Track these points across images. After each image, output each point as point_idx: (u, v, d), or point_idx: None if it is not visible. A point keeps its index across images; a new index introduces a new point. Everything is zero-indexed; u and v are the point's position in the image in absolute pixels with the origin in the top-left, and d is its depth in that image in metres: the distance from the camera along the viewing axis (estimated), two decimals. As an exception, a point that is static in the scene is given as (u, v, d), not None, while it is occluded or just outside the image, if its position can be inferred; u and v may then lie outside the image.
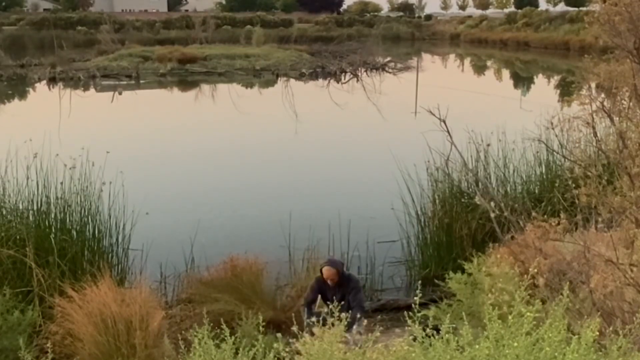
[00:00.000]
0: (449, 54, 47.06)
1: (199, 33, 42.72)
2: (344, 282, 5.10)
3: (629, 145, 4.27)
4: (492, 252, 4.89)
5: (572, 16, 45.92)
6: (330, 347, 2.58)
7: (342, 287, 5.06)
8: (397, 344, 2.63)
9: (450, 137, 5.95)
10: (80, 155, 6.34)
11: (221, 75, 28.16)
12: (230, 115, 17.79)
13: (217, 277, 5.66)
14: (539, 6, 65.39)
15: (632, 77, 4.77)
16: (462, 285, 4.82)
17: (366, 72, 28.97)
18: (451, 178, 6.72)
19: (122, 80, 26.39)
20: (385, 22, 64.52)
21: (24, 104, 22.45)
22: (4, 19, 55.93)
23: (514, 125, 7.50)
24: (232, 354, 2.70)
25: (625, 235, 3.85)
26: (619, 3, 4.60)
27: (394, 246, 7.09)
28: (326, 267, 5.07)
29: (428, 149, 6.69)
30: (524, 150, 7.26)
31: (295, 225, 6.92)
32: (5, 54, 31.85)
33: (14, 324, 4.72)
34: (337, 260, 5.31)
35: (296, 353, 2.69)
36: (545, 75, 31.90)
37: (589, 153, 6.05)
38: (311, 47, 39.72)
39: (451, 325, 2.44)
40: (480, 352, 2.30)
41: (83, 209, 6.22)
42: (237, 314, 4.97)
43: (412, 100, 17.06)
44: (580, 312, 3.19)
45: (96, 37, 41.34)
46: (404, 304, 5.70)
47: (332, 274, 5.03)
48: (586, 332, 2.31)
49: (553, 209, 5.83)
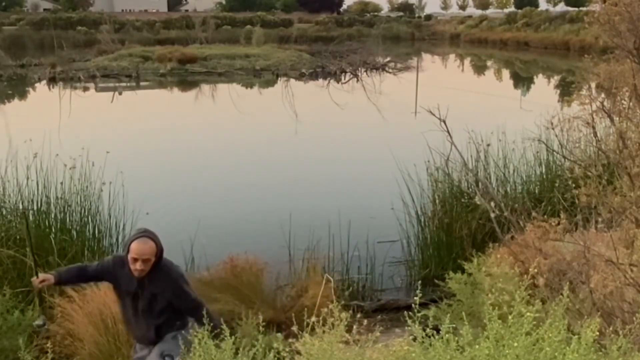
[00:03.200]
0: (449, 54, 47.04)
1: (199, 33, 42.71)
2: (160, 275, 3.53)
3: (629, 145, 4.27)
4: (492, 252, 4.90)
5: (572, 16, 45.91)
6: (330, 347, 2.58)
7: (154, 283, 3.53)
8: (397, 344, 2.63)
9: (450, 137, 5.95)
10: (80, 155, 6.34)
11: (221, 75, 28.14)
12: (231, 115, 17.79)
13: (217, 277, 5.66)
14: (539, 6, 65.38)
15: (632, 77, 4.77)
16: (462, 285, 4.82)
17: (366, 72, 28.95)
18: (451, 178, 6.72)
19: (122, 80, 26.39)
20: (385, 22, 64.51)
21: (24, 104, 22.45)
22: (4, 19, 55.91)
23: (514, 125, 7.50)
24: (232, 354, 2.69)
25: (625, 235, 3.85)
26: (619, 3, 4.60)
27: (394, 246, 7.09)
28: (141, 240, 3.45)
29: (428, 149, 6.69)
30: (524, 150, 7.27)
31: (295, 225, 6.91)
32: (5, 54, 31.84)
33: (14, 324, 4.72)
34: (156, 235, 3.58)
35: (296, 353, 2.69)
36: (545, 75, 31.89)
37: (589, 153, 6.05)
38: (311, 47, 39.72)
39: (451, 325, 2.44)
40: (480, 352, 2.30)
41: (83, 209, 6.22)
42: (237, 314, 4.97)
43: (412, 100, 17.05)
44: (580, 312, 3.19)
45: (96, 37, 41.35)
46: (404, 304, 5.70)
47: (147, 251, 3.44)
48: (586, 332, 2.31)
49: (553, 209, 5.83)
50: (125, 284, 3.60)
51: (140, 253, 3.45)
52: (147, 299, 3.58)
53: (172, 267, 3.64)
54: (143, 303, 3.60)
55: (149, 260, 3.47)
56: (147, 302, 3.57)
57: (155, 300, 3.58)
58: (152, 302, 3.58)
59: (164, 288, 3.56)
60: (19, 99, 23.64)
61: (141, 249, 3.45)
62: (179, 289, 3.62)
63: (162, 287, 3.55)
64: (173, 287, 3.59)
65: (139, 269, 3.49)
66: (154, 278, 3.53)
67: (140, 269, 3.48)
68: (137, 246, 3.45)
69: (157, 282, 3.54)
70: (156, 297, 3.57)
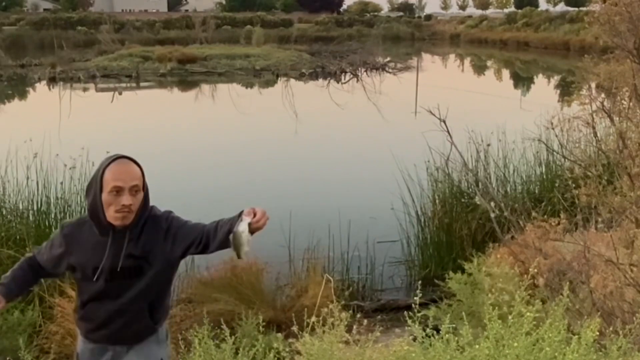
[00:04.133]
0: (449, 54, 47.04)
1: (199, 33, 42.71)
2: (147, 226, 2.47)
3: (629, 145, 4.27)
4: (492, 252, 4.90)
5: (572, 16, 45.92)
6: (330, 347, 2.58)
7: (142, 239, 2.46)
8: (397, 344, 2.64)
9: (450, 137, 5.95)
10: (80, 155, 6.33)
11: (221, 75, 28.15)
12: (230, 115, 17.79)
13: (217, 277, 5.66)
14: (539, 6, 65.49)
15: (632, 77, 4.78)
16: (462, 285, 4.82)
17: (366, 72, 28.95)
18: (451, 178, 6.73)
19: (122, 80, 26.39)
20: (385, 22, 64.53)
21: (24, 104, 22.45)
22: (4, 19, 55.91)
23: (514, 125, 7.50)
24: (232, 354, 2.70)
25: (625, 235, 3.85)
26: (619, 3, 4.61)
27: (394, 246, 7.09)
28: (120, 161, 2.42)
29: (428, 149, 6.69)
30: (524, 150, 7.27)
31: (295, 225, 6.91)
32: (5, 54, 31.84)
33: (14, 324, 4.72)
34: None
35: (296, 353, 2.69)
36: (545, 75, 31.89)
37: (589, 153, 6.06)
38: (311, 47, 39.69)
39: (451, 325, 2.44)
40: (480, 352, 2.30)
41: (83, 209, 6.22)
42: (237, 314, 4.96)
43: (412, 100, 17.06)
44: (580, 312, 3.19)
45: (96, 37, 41.34)
46: (404, 304, 5.69)
47: (134, 174, 2.43)
48: (586, 332, 2.31)
49: (553, 209, 5.83)
50: (93, 255, 2.42)
51: (125, 177, 2.35)
52: (132, 266, 2.44)
53: (158, 210, 2.59)
54: (125, 274, 2.44)
55: (138, 192, 2.41)
56: (133, 269, 2.45)
57: (147, 262, 2.45)
58: (141, 269, 2.46)
59: (155, 238, 2.47)
60: (19, 99, 23.64)
61: (126, 171, 2.38)
62: (176, 222, 2.56)
63: (152, 238, 2.47)
64: (167, 227, 2.50)
65: (126, 207, 2.34)
66: (139, 230, 2.45)
67: (128, 204, 2.34)
68: (118, 169, 2.37)
69: (145, 235, 2.46)
70: (147, 257, 2.45)
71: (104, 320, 2.51)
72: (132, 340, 2.56)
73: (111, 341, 2.55)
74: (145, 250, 2.45)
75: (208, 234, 2.53)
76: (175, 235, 2.51)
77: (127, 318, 2.50)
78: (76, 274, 2.52)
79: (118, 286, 2.47)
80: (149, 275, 2.47)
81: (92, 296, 2.49)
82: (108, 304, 2.49)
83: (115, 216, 2.37)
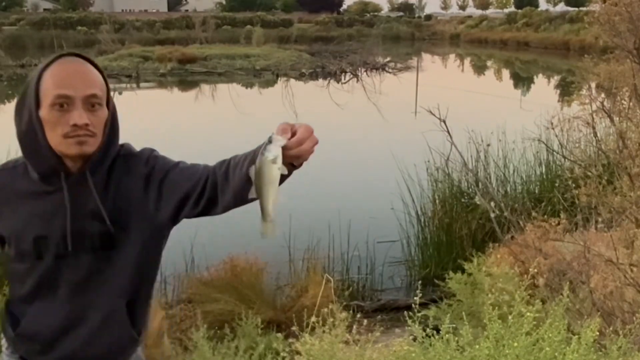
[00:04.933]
0: (449, 54, 47.04)
1: (199, 33, 42.73)
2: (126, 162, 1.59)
3: (629, 145, 4.28)
4: (492, 252, 4.90)
5: (572, 16, 45.91)
6: (330, 347, 2.58)
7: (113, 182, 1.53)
8: (397, 344, 2.63)
9: (450, 137, 5.96)
10: (80, 155, 6.33)
11: (221, 75, 28.16)
12: (230, 115, 17.80)
13: (217, 277, 5.66)
14: (539, 6, 65.54)
15: (632, 77, 4.78)
16: (462, 285, 4.82)
17: (366, 72, 28.95)
18: (451, 178, 6.73)
19: (122, 80, 26.40)
20: (385, 22, 64.52)
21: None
22: (4, 19, 55.91)
23: (514, 125, 7.51)
24: (232, 354, 2.70)
25: (625, 235, 3.85)
26: (619, 3, 4.61)
27: (394, 246, 7.09)
28: (67, 59, 1.49)
29: (428, 149, 6.69)
30: (524, 150, 7.28)
31: (295, 225, 6.91)
32: (5, 54, 31.86)
33: (14, 324, 4.71)
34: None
35: (296, 353, 2.69)
36: (545, 75, 31.90)
37: (589, 153, 6.06)
38: (311, 47, 39.67)
39: (451, 325, 2.44)
40: (480, 352, 2.30)
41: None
42: (237, 314, 4.96)
43: (412, 100, 17.06)
44: (580, 312, 3.19)
45: (96, 37, 41.40)
46: (404, 304, 5.69)
47: (89, 77, 1.52)
48: (586, 332, 2.31)
49: (553, 209, 5.83)
50: (33, 218, 1.51)
51: (75, 82, 1.48)
52: (97, 233, 1.51)
53: (133, 148, 1.72)
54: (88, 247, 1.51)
55: (99, 107, 1.53)
56: (99, 240, 1.52)
57: (120, 227, 1.52)
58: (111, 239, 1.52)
59: (130, 188, 1.56)
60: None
61: (75, 73, 1.50)
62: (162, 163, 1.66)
63: (126, 188, 1.56)
64: (149, 172, 1.60)
65: (79, 126, 1.46)
66: (106, 174, 1.56)
67: (81, 123, 1.46)
68: (64, 69, 1.49)
69: (114, 184, 1.55)
70: (120, 219, 1.52)
71: (54, 333, 1.55)
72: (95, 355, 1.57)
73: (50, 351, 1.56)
74: (117, 207, 1.52)
75: (214, 178, 1.61)
76: (161, 183, 1.57)
77: (93, 326, 1.55)
78: (6, 249, 1.56)
79: (76, 268, 1.51)
80: (125, 250, 1.54)
81: (34, 289, 1.54)
82: (61, 304, 1.54)
83: (66, 143, 1.46)
